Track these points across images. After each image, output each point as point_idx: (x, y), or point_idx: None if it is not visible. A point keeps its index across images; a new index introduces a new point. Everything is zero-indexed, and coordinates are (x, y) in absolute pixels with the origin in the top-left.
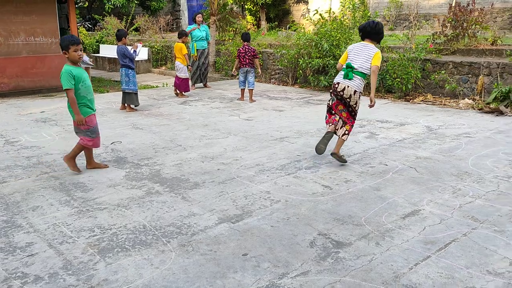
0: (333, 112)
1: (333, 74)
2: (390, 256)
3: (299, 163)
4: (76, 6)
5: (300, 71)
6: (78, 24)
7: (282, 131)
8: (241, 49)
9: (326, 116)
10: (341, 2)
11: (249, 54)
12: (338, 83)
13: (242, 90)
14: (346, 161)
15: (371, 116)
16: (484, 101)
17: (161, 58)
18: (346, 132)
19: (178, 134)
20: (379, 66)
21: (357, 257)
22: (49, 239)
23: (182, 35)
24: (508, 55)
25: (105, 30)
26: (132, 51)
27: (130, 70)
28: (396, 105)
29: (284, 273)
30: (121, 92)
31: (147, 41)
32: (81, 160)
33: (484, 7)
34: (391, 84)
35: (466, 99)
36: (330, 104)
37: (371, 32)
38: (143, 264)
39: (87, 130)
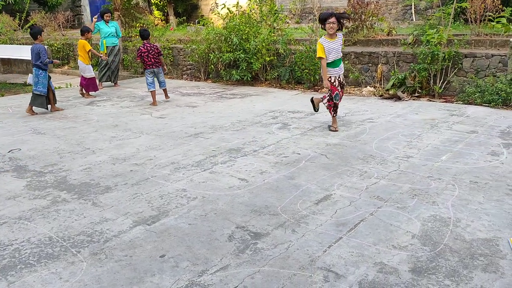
0: None
1: (244, 68)
2: (305, 242)
3: (214, 158)
4: None
5: (212, 66)
6: None
7: (196, 127)
8: (142, 48)
9: None
10: None
11: (153, 53)
12: None
13: (153, 92)
14: (316, 111)
15: (283, 108)
16: (383, 88)
17: (62, 57)
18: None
19: (85, 136)
20: (320, 56)
21: (275, 246)
22: None
23: (84, 31)
24: (402, 44)
25: None
26: (51, 60)
27: (40, 71)
28: (306, 95)
29: (204, 270)
30: (19, 96)
31: (46, 39)
32: None
33: (379, 0)
34: (300, 76)
35: (368, 87)
36: None
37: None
38: (50, 279)
39: None
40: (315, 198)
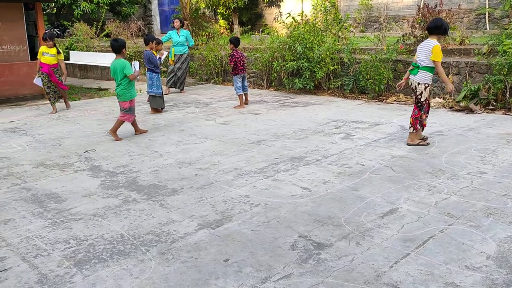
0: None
1: (307, 77)
2: (370, 255)
3: (277, 166)
4: (44, 12)
5: (275, 74)
6: (46, 31)
7: (259, 134)
8: (235, 54)
9: None
10: (312, 5)
11: (243, 59)
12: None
13: (241, 96)
14: (427, 143)
15: (346, 117)
16: (454, 99)
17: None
18: (410, 124)
19: (153, 140)
20: (438, 60)
21: (339, 258)
22: (22, 253)
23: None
24: (475, 54)
25: (75, 36)
26: (157, 58)
27: (154, 74)
28: (370, 105)
29: (267, 277)
30: (93, 99)
31: None
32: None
33: (451, 8)
34: (365, 85)
35: (437, 98)
36: None
37: (431, 27)
38: (122, 274)
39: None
40: (380, 211)
